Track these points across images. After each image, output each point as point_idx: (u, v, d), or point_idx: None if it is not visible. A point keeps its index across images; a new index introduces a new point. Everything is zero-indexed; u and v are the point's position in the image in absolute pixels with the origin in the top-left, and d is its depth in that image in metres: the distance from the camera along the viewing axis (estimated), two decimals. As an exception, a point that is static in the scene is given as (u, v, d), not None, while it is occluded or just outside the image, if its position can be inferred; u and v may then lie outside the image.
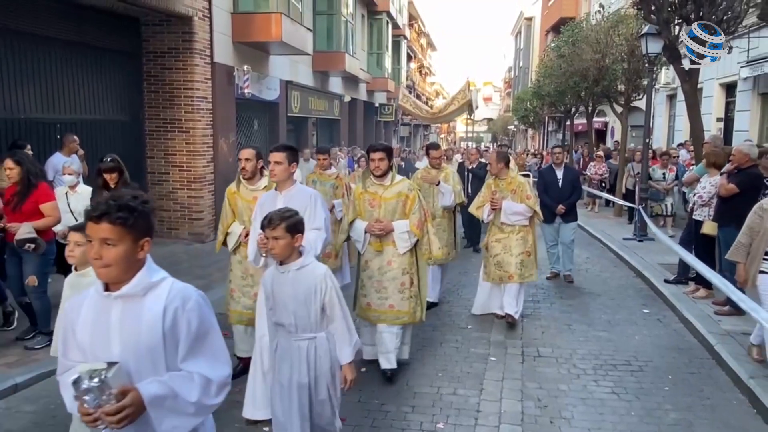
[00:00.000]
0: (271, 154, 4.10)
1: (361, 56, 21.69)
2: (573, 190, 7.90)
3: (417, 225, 4.64)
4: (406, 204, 4.67)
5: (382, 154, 4.64)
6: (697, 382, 4.87)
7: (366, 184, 4.77)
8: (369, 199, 4.72)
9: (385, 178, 4.71)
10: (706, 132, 10.38)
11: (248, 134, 13.41)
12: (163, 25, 9.87)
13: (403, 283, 4.65)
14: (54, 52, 8.13)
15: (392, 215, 4.67)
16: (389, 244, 4.67)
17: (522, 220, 6.02)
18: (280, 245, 2.95)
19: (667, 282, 7.57)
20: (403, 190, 4.69)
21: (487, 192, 6.18)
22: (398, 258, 4.66)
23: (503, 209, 5.97)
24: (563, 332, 6.03)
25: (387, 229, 4.62)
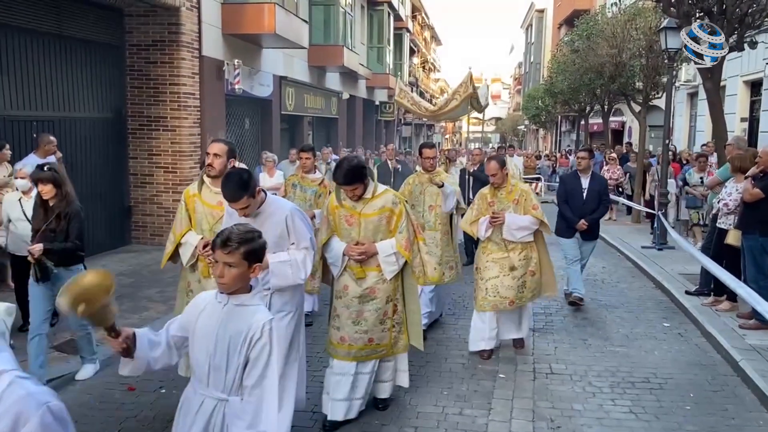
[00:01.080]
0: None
1: (361, 50, 21.75)
2: (599, 203, 7.18)
3: (405, 246, 4.19)
4: (390, 220, 4.21)
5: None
6: (721, 400, 4.86)
7: (341, 197, 4.23)
8: (345, 215, 4.21)
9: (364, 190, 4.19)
10: (729, 133, 10.41)
11: (239, 133, 13.44)
12: (148, 16, 9.90)
13: (385, 313, 4.24)
14: (30, 44, 8.16)
15: (374, 235, 4.19)
16: (373, 268, 4.21)
17: (528, 236, 5.45)
18: (231, 275, 2.47)
19: (688, 293, 7.57)
20: (387, 204, 4.19)
21: (482, 203, 5.59)
22: (384, 285, 4.22)
23: (506, 224, 5.37)
24: (578, 347, 6.02)
25: (369, 252, 4.17)
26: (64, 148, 8.48)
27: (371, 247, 4.17)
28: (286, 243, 3.79)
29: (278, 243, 3.73)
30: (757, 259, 6.21)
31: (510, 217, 5.41)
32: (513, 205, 5.45)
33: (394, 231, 4.22)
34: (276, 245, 3.69)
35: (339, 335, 4.24)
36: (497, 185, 5.51)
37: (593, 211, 7.13)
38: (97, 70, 9.49)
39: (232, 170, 3.78)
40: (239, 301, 2.53)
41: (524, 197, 5.47)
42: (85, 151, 9.30)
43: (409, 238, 4.23)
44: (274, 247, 3.63)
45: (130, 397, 4.76)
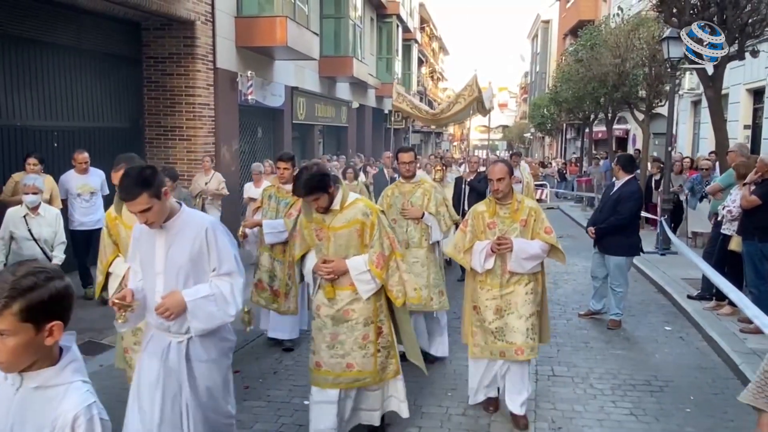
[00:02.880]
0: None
1: (370, 61, 21.85)
2: (613, 211, 6.53)
3: (377, 262, 3.68)
4: (363, 233, 3.72)
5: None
6: (721, 403, 4.84)
7: (309, 210, 3.79)
8: (316, 229, 3.79)
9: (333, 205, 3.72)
10: (731, 140, 10.36)
11: (252, 142, 13.54)
12: (164, 30, 10.02)
13: (365, 336, 3.73)
14: (51, 57, 8.28)
15: (346, 250, 3.72)
16: (345, 287, 3.74)
17: (537, 266, 4.28)
18: (7, 348, 1.61)
19: (690, 298, 7.53)
20: (358, 215, 3.70)
21: (478, 224, 4.30)
22: (360, 305, 3.74)
23: (515, 252, 4.13)
24: (580, 350, 6.01)
25: (338, 270, 3.69)
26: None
27: (340, 264, 3.69)
28: (204, 266, 3.03)
29: (194, 266, 3.01)
30: (757, 265, 6.18)
31: (519, 243, 4.14)
32: (520, 227, 4.20)
33: (367, 246, 3.74)
34: (192, 269, 3.00)
35: (315, 360, 3.80)
36: (500, 197, 4.22)
37: (605, 220, 6.58)
38: (115, 81, 9.60)
39: (133, 166, 3.07)
40: (38, 381, 1.68)
41: (534, 217, 4.24)
42: (104, 160, 9.37)
43: (382, 253, 3.71)
44: (188, 271, 3.00)
45: (144, 397, 4.79)
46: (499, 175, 4.17)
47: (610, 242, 6.57)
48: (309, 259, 3.93)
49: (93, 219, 7.36)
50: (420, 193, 5.36)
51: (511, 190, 4.29)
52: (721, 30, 9.02)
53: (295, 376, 5.19)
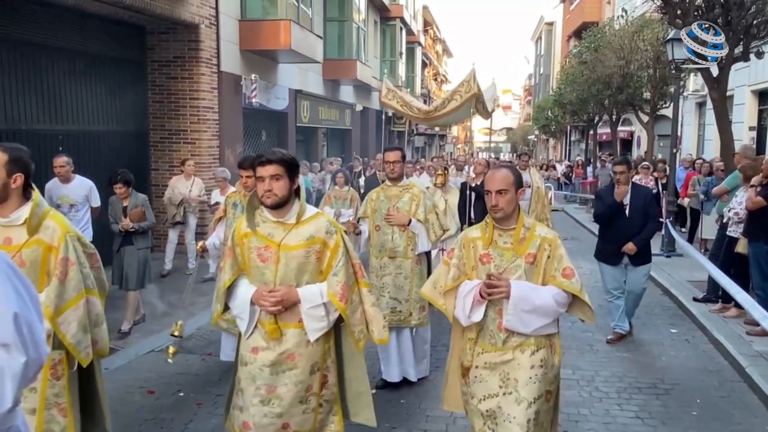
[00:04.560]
0: None
1: (374, 64, 21.89)
2: (646, 219, 5.95)
3: (341, 293, 2.91)
4: (322, 256, 2.95)
5: (277, 168, 2.83)
6: (728, 406, 4.81)
7: (256, 221, 2.98)
8: (259, 247, 2.93)
9: (284, 211, 2.91)
10: (737, 142, 10.33)
11: (256, 145, 13.57)
12: (169, 33, 10.06)
13: (309, 387, 2.96)
14: (56, 61, 8.32)
15: (298, 276, 2.92)
16: (293, 324, 2.94)
17: (549, 326, 2.98)
18: None
19: (696, 300, 7.50)
20: (319, 233, 2.93)
21: (468, 255, 3.07)
22: (307, 349, 2.95)
23: (512, 301, 2.86)
24: (585, 353, 5.99)
25: (288, 301, 2.88)
26: (88, 161, 8.63)
27: (291, 294, 2.88)
28: None
29: None
30: (763, 267, 6.16)
31: (520, 287, 2.88)
32: (525, 264, 2.95)
33: (327, 272, 2.96)
34: None
35: (242, 419, 2.96)
36: (499, 217, 2.97)
37: (640, 230, 5.91)
38: (120, 85, 9.64)
39: None
40: None
41: (547, 252, 2.96)
42: (109, 163, 9.42)
43: (347, 282, 2.94)
44: None
45: (149, 399, 4.81)
46: (501, 185, 2.92)
47: (643, 251, 5.99)
48: (241, 287, 3.01)
49: None
50: (407, 198, 4.83)
51: (516, 209, 2.98)
52: (725, 31, 9.01)
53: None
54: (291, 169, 2.88)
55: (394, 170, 4.85)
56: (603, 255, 6.21)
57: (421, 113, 9.29)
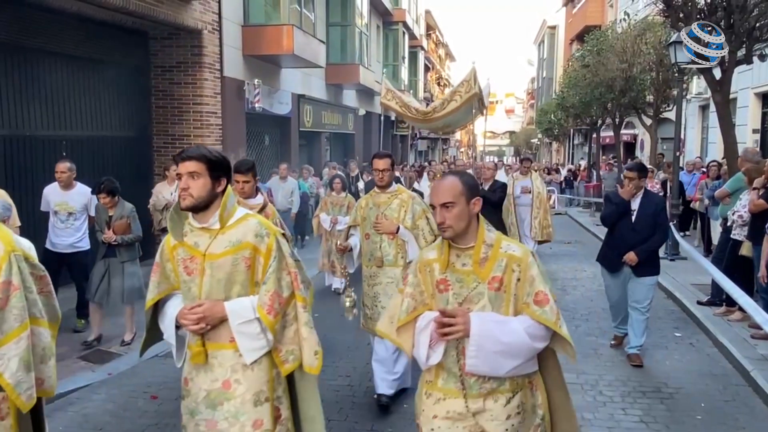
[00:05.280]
0: None
1: (377, 68, 21.90)
2: (654, 228, 5.56)
3: (270, 306, 2.51)
4: (253, 264, 2.57)
5: (197, 165, 2.51)
6: (732, 410, 4.79)
7: (184, 230, 2.64)
8: (184, 258, 2.59)
9: (208, 215, 2.57)
10: (740, 144, 10.30)
11: (259, 150, 13.60)
12: (172, 39, 10.10)
13: (257, 422, 2.52)
14: (59, 67, 8.35)
15: (227, 289, 2.55)
16: (225, 345, 2.55)
17: (525, 366, 2.42)
18: None
19: (700, 304, 7.48)
20: (247, 237, 2.56)
21: (425, 282, 2.51)
22: (246, 374, 2.53)
23: (473, 340, 2.31)
24: (589, 357, 5.96)
25: (211, 316, 2.49)
26: (91, 167, 8.65)
27: (215, 308, 2.49)
28: None
29: None
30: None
31: (482, 322, 2.31)
32: (489, 291, 2.39)
33: (257, 282, 2.58)
34: None
35: None
36: (448, 236, 2.41)
37: (645, 240, 5.53)
38: (123, 90, 9.67)
39: None
40: None
41: (515, 272, 2.39)
42: (112, 168, 9.45)
43: (278, 292, 2.54)
44: None
45: (152, 405, 4.81)
46: (446, 197, 2.37)
47: (647, 262, 5.61)
48: (170, 307, 2.65)
49: (66, 242, 6.39)
50: (396, 205, 4.61)
51: (471, 223, 2.41)
52: (728, 34, 9.00)
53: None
54: (214, 169, 2.53)
55: (383, 178, 4.65)
56: (605, 260, 5.92)
57: (419, 114, 8.98)
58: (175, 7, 9.13)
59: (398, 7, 24.73)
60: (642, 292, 5.64)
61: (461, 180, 2.42)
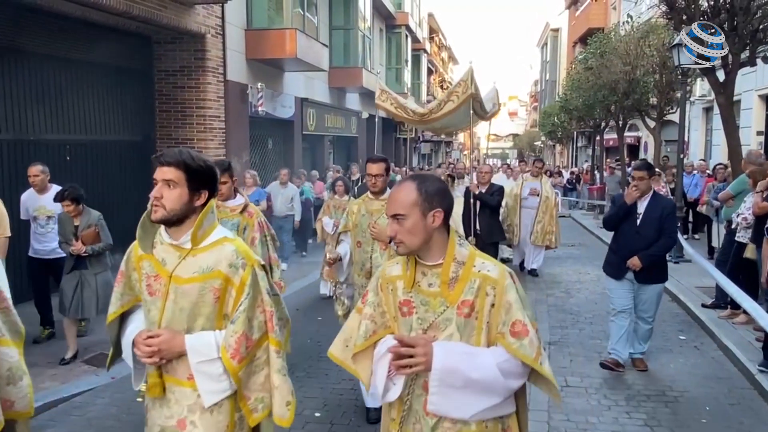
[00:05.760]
0: None
1: (380, 71, 21.96)
2: (660, 232, 5.27)
3: (235, 350, 2.16)
4: (223, 296, 2.22)
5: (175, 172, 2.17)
6: (737, 414, 4.77)
7: (155, 240, 2.29)
8: (150, 275, 2.25)
9: (181, 230, 2.22)
10: (744, 146, 10.28)
11: (262, 154, 13.62)
12: (175, 43, 10.13)
13: None
14: (63, 71, 8.39)
15: (190, 319, 2.21)
16: (183, 382, 2.23)
17: (500, 407, 2.04)
18: None
19: (704, 306, 7.46)
20: (220, 264, 2.20)
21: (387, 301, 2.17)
22: (204, 416, 2.22)
23: (434, 375, 1.97)
24: (593, 360, 5.94)
25: (168, 350, 2.17)
26: (96, 170, 8.69)
27: (174, 342, 2.17)
28: None
29: None
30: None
31: (446, 354, 1.98)
32: (459, 316, 2.03)
33: (227, 315, 2.24)
34: None
35: None
36: (400, 251, 2.08)
37: (650, 245, 5.24)
38: (126, 95, 9.71)
39: None
40: None
41: (489, 296, 2.04)
42: (116, 172, 9.49)
43: (248, 335, 2.19)
44: None
45: (156, 409, 4.81)
46: (395, 208, 2.05)
47: (652, 268, 5.34)
48: (133, 323, 2.36)
49: (48, 247, 6.22)
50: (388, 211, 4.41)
51: (432, 238, 2.05)
52: (731, 36, 8.99)
53: (306, 387, 5.18)
54: (195, 179, 2.18)
55: (376, 184, 4.29)
56: (608, 266, 5.66)
57: (416, 116, 8.64)
58: (179, 11, 9.16)
59: (401, 10, 24.78)
60: (649, 303, 5.45)
61: (418, 187, 2.03)
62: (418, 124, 9.77)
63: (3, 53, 7.39)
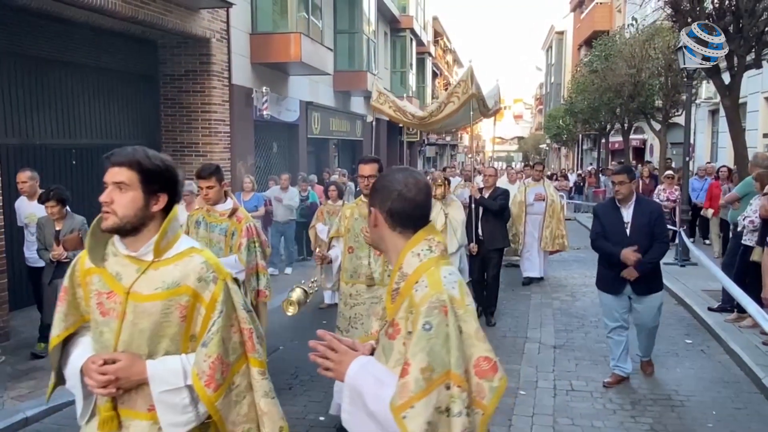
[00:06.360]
0: None
1: (384, 75, 21.97)
2: (652, 238, 4.96)
3: (210, 376, 1.90)
4: (192, 314, 1.96)
5: (127, 173, 1.92)
6: (744, 418, 4.74)
7: (106, 251, 2.00)
8: (101, 291, 1.95)
9: (139, 240, 1.95)
10: (750, 149, 10.24)
11: (267, 157, 13.65)
12: (181, 48, 10.18)
13: None
14: (69, 76, 8.44)
15: (151, 342, 1.93)
16: (141, 414, 1.94)
17: None
18: None
19: (711, 310, 7.41)
20: (187, 279, 1.94)
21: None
22: None
23: (347, 391, 1.77)
24: (599, 364, 5.92)
25: (125, 378, 1.88)
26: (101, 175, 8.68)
27: (133, 369, 1.88)
28: None
29: None
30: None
31: (358, 371, 1.76)
32: (384, 335, 1.80)
33: (201, 338, 1.95)
34: None
35: None
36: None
37: (644, 253, 4.90)
38: (132, 99, 9.76)
39: None
40: None
41: (408, 323, 1.70)
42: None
43: (223, 358, 1.94)
44: None
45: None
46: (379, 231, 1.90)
47: (649, 277, 5.00)
48: (78, 347, 2.03)
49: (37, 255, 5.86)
50: None
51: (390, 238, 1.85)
52: (737, 39, 8.98)
53: (311, 392, 5.17)
54: (150, 180, 1.93)
55: (369, 186, 3.84)
56: (602, 282, 5.25)
57: (415, 119, 8.27)
58: (184, 16, 9.21)
59: (406, 14, 24.81)
60: (648, 314, 5.15)
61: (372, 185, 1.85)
62: (418, 127, 9.49)
63: (9, 58, 7.43)
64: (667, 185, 12.44)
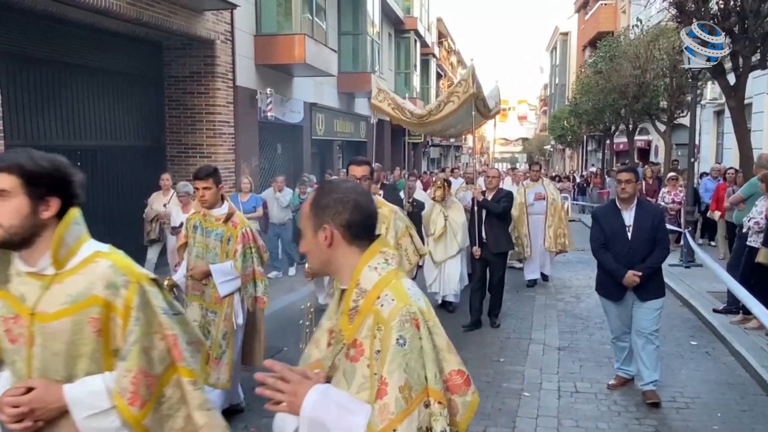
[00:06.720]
0: None
1: (389, 76, 22.01)
2: (653, 243, 4.84)
3: (132, 392, 1.72)
4: (107, 326, 1.77)
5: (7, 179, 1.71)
6: (750, 420, 4.72)
7: (9, 272, 1.82)
8: (7, 317, 1.78)
9: (34, 253, 1.76)
10: (755, 150, 10.20)
11: (271, 159, 13.68)
12: (185, 49, 10.20)
13: None
14: (74, 77, 8.47)
15: (67, 365, 1.75)
16: None
17: None
18: None
19: (716, 311, 7.39)
20: (94, 288, 1.76)
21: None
22: None
23: (303, 426, 1.59)
24: (603, 366, 5.90)
25: (44, 408, 1.71)
26: (106, 176, 8.75)
27: (49, 395, 1.71)
28: None
29: None
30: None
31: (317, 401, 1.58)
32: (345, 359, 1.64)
33: (120, 350, 1.78)
34: None
35: None
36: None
37: (645, 257, 4.79)
38: (137, 100, 9.79)
39: None
40: None
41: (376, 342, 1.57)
42: (127, 177, 9.56)
43: (145, 371, 1.75)
44: None
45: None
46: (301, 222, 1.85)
47: (650, 283, 4.85)
48: None
49: None
50: None
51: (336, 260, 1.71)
52: (742, 39, 8.96)
53: None
54: (36, 184, 1.73)
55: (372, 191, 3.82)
56: (603, 288, 5.12)
57: (414, 118, 8.00)
58: (189, 17, 9.24)
59: (410, 15, 24.83)
60: (647, 318, 4.88)
61: (312, 200, 1.71)
62: (417, 127, 9.13)
63: (13, 60, 7.47)
64: (671, 187, 12.34)
